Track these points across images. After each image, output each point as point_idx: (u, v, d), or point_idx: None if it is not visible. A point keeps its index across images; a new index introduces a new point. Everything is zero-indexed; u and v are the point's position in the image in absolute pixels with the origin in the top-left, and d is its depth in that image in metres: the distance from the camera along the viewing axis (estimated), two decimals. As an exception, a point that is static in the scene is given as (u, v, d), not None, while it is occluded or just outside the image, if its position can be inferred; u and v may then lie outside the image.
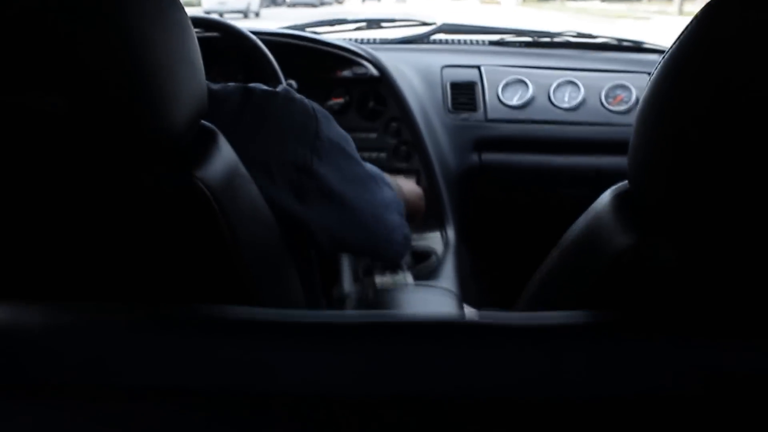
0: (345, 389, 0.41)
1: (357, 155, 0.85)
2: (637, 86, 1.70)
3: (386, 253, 0.94)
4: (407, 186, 1.26)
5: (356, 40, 1.95)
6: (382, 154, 1.70)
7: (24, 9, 0.43)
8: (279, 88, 0.76)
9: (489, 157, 1.73)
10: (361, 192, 0.82)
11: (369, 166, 0.90)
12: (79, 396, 0.41)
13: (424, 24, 2.08)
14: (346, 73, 1.73)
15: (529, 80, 1.75)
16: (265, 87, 0.75)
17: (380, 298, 1.14)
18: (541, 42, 1.96)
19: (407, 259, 1.43)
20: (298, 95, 0.76)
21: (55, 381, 0.42)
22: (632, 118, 0.50)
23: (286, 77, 1.52)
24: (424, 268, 1.36)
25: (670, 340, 0.44)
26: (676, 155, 0.42)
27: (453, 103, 1.75)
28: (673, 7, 19.42)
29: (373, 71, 1.68)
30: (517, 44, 1.96)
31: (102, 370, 0.43)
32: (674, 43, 0.43)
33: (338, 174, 0.77)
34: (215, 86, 0.73)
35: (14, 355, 0.44)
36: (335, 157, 0.77)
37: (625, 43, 1.93)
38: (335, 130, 0.80)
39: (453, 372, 0.42)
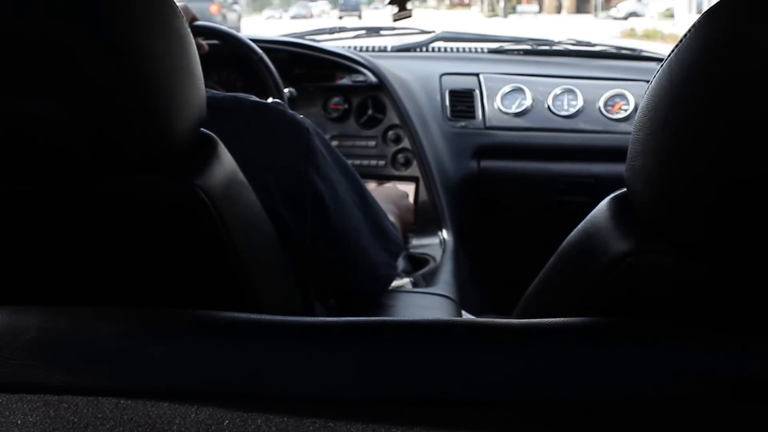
0: (343, 391, 0.41)
1: (354, 179, 0.83)
2: (636, 94, 1.70)
3: (363, 286, 0.91)
4: (399, 197, 1.25)
5: (355, 48, 1.96)
6: (381, 162, 1.71)
7: (24, 16, 0.44)
8: (269, 101, 0.76)
9: (488, 164, 1.73)
10: (349, 217, 0.81)
11: (373, 202, 0.88)
12: (78, 398, 0.41)
13: (423, 32, 2.09)
14: (345, 80, 1.73)
15: (528, 88, 1.75)
16: (255, 98, 0.75)
17: (377, 305, 1.14)
18: (539, 50, 1.97)
19: (406, 265, 1.43)
20: (289, 110, 0.76)
21: (55, 383, 0.42)
22: (631, 126, 0.50)
23: (286, 85, 1.53)
24: (423, 274, 1.36)
25: (667, 345, 0.44)
26: (675, 163, 0.42)
27: (452, 111, 1.76)
28: None
29: (372, 79, 1.68)
30: (516, 52, 1.97)
31: (101, 373, 0.43)
32: (672, 50, 0.43)
33: (331, 191, 0.76)
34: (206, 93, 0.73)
35: (14, 356, 0.44)
36: (328, 174, 0.77)
37: (623, 51, 1.94)
38: (330, 148, 0.79)
39: (451, 374, 0.42)
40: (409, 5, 1.25)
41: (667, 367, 0.42)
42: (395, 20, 1.26)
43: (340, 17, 27.16)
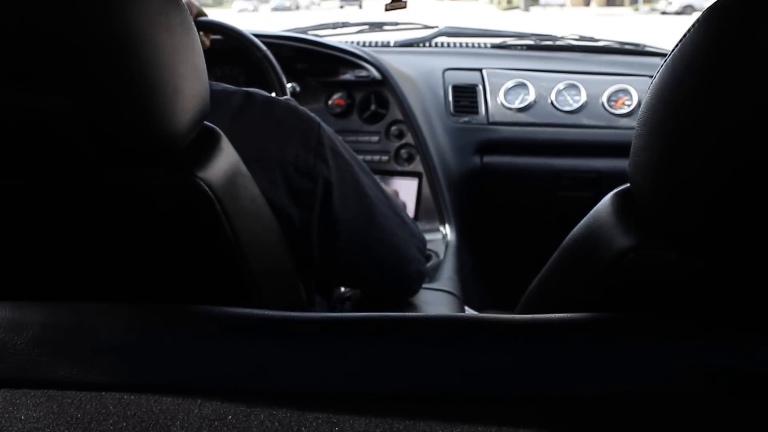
0: (346, 387, 0.42)
1: (371, 177, 0.82)
2: (639, 89, 1.70)
3: (394, 284, 0.89)
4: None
5: (358, 43, 1.96)
6: (384, 157, 1.71)
7: (27, 10, 0.44)
8: (281, 98, 0.76)
9: (491, 159, 1.73)
10: (369, 213, 0.80)
11: (394, 199, 0.87)
12: (82, 393, 0.41)
13: (427, 27, 2.08)
14: (349, 75, 1.73)
15: (531, 83, 1.75)
16: (266, 94, 0.75)
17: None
18: (543, 45, 1.97)
19: None
20: (301, 107, 0.76)
21: (58, 378, 0.42)
22: (634, 121, 0.50)
23: (288, 80, 1.52)
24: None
25: (670, 341, 0.44)
26: (678, 158, 0.42)
27: (455, 106, 1.76)
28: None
29: (376, 74, 1.68)
30: (519, 47, 1.96)
31: (104, 368, 0.43)
32: (676, 46, 0.43)
33: (344, 186, 0.76)
34: (216, 87, 0.73)
35: (18, 352, 0.44)
36: (342, 169, 0.76)
37: (627, 46, 1.93)
38: (343, 145, 0.79)
39: (454, 369, 0.42)
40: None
41: (669, 363, 0.42)
42: (387, 10, 1.24)
43: (341, 7, 26.52)
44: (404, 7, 1.24)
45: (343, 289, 1.20)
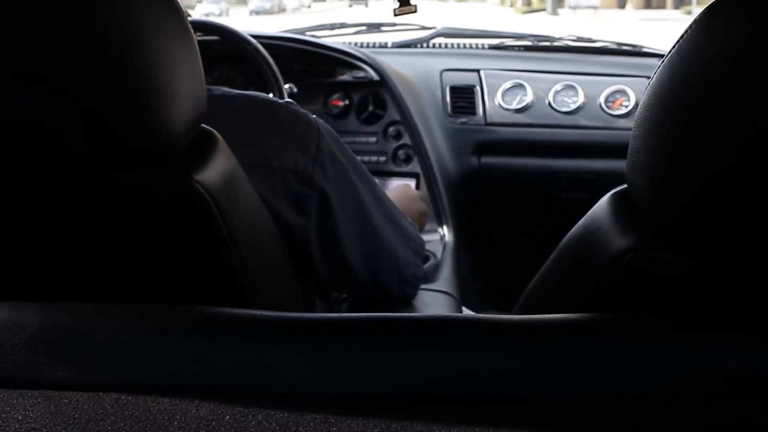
0: (343, 387, 0.42)
1: (368, 181, 0.83)
2: (637, 90, 1.70)
3: (388, 289, 0.89)
4: (412, 199, 1.24)
5: (356, 44, 1.96)
6: (382, 158, 1.71)
7: (24, 11, 0.44)
8: (282, 101, 0.75)
9: (488, 160, 1.73)
10: (364, 219, 0.80)
11: (390, 202, 0.87)
12: (79, 394, 0.41)
13: (424, 28, 2.08)
14: (346, 76, 1.73)
15: (529, 84, 1.75)
16: (267, 96, 0.75)
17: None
18: (540, 46, 1.97)
19: None
20: (301, 109, 0.76)
21: (55, 378, 0.42)
22: (631, 122, 0.50)
23: (286, 81, 1.52)
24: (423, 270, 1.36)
25: (666, 342, 0.44)
26: (675, 159, 0.42)
27: (453, 107, 1.76)
28: None
29: (373, 75, 1.68)
30: (517, 48, 1.96)
31: (102, 369, 0.43)
32: (673, 47, 0.43)
33: (340, 193, 0.76)
34: (216, 91, 0.73)
35: (15, 352, 0.44)
36: (339, 175, 0.76)
37: (624, 47, 1.94)
38: (342, 148, 0.79)
39: (451, 370, 0.42)
40: (413, 0, 1.23)
41: (666, 364, 0.42)
42: (397, 15, 1.24)
43: (350, 5, 26.72)
44: (414, 11, 1.24)
45: None
